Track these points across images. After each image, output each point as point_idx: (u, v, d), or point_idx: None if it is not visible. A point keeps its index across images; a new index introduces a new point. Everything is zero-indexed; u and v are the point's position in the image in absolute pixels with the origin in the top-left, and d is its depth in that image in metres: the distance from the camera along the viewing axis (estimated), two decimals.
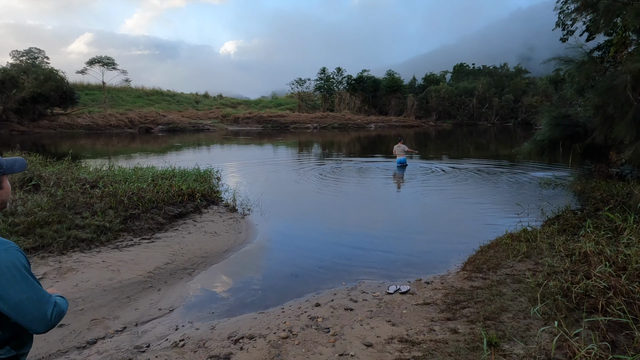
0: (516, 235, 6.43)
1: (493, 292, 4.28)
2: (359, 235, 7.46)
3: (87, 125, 39.89)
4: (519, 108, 67.75)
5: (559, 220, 7.27)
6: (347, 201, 10.73)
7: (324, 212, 9.57)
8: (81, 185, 8.02)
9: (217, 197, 9.49)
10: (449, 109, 68.64)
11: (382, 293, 4.75)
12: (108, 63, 45.10)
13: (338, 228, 7.99)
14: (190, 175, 10.55)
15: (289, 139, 35.36)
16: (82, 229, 5.97)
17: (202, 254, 6.06)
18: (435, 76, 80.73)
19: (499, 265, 5.18)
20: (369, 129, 53.08)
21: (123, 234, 6.29)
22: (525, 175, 14.17)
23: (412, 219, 8.86)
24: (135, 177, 9.43)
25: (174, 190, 8.30)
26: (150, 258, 5.64)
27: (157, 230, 6.75)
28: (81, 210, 6.58)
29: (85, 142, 28.99)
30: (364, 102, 67.58)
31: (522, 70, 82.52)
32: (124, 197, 7.31)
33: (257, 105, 66.91)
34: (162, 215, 7.18)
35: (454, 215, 8.99)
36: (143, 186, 8.20)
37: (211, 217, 7.96)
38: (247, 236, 7.08)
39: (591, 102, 6.59)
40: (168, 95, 60.48)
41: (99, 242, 5.86)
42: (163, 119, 44.29)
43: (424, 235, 7.52)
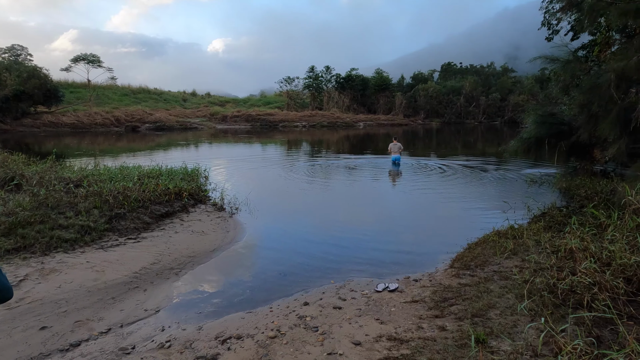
0: (503, 233, 6.49)
1: (481, 289, 4.30)
2: (347, 233, 7.45)
3: (72, 123, 39.22)
4: (505, 107, 68.58)
5: (544, 217, 7.36)
6: (336, 199, 10.72)
7: (313, 210, 9.55)
8: (65, 185, 7.86)
9: (205, 196, 9.40)
10: (436, 108, 69.12)
11: (371, 291, 4.74)
12: (93, 60, 44.38)
13: (327, 226, 7.97)
14: (177, 174, 10.43)
15: (277, 137, 35.23)
16: (65, 229, 5.85)
17: (189, 253, 5.99)
18: (424, 75, 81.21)
19: (486, 263, 5.21)
20: (357, 128, 53.20)
21: (108, 234, 6.18)
22: (511, 172, 14.33)
23: (400, 217, 8.88)
24: (121, 176, 9.28)
25: (161, 189, 8.18)
26: (136, 258, 5.55)
27: (143, 229, 6.65)
28: (65, 210, 6.44)
29: (70, 141, 28.49)
30: (352, 100, 67.67)
31: (508, 69, 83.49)
32: (109, 196, 7.18)
33: (245, 103, 66.57)
34: (149, 215, 7.08)
35: (442, 213, 9.05)
36: (129, 185, 8.07)
37: (199, 216, 7.88)
38: (235, 235, 7.02)
39: (576, 100, 6.67)
40: (155, 93, 59.79)
41: (83, 243, 5.74)
42: (150, 117, 43.76)
43: (412, 233, 7.54)
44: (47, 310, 4.22)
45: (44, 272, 4.95)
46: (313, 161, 17.91)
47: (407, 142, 29.81)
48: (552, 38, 15.88)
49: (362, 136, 37.44)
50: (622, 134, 6.40)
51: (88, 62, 44.25)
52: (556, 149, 8.52)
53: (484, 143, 31.22)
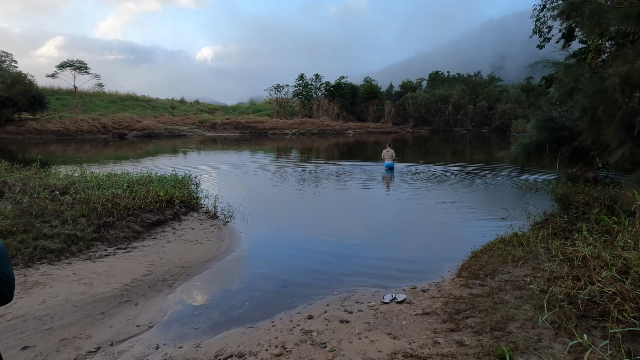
0: (508, 240, 6.30)
1: (495, 300, 4.08)
2: (346, 241, 7.20)
3: (58, 130, 38.42)
4: (493, 115, 69.41)
5: (547, 224, 7.21)
6: (331, 206, 10.48)
7: (309, 217, 9.29)
8: (50, 192, 7.49)
9: (197, 204, 9.08)
10: (425, 116, 69.62)
11: (378, 303, 4.49)
12: (80, 67, 43.71)
13: (324, 234, 7.72)
14: (168, 181, 10.10)
15: (268, 145, 34.94)
16: (50, 238, 5.50)
17: (182, 263, 5.67)
18: (412, 83, 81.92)
19: (495, 271, 5.00)
20: (347, 136, 53.16)
21: (96, 244, 5.83)
22: (504, 179, 14.26)
23: (397, 224, 8.67)
24: (109, 183, 8.93)
25: (152, 196, 7.86)
26: (126, 269, 5.22)
27: (134, 239, 6.31)
28: (50, 218, 6.09)
29: (55, 148, 27.82)
30: (342, 108, 67.80)
31: (495, 78, 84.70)
32: (97, 204, 6.84)
33: (234, 111, 66.21)
34: (139, 223, 6.74)
35: (440, 220, 8.86)
36: (118, 192, 7.74)
37: (191, 225, 7.56)
38: (230, 244, 6.72)
39: (579, 104, 6.57)
40: (143, 100, 59.09)
41: (69, 253, 5.39)
42: (138, 124, 43.15)
43: (412, 241, 7.33)
44: (29, 328, 3.88)
45: (27, 286, 4.60)
46: (305, 168, 17.65)
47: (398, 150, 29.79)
48: (543, 46, 16.00)
49: (352, 144, 37.36)
50: (626, 138, 6.30)
51: (74, 68, 43.57)
52: (557, 154, 8.42)
53: (474, 150, 31.35)
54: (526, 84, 77.66)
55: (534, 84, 78.10)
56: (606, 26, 6.92)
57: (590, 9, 6.63)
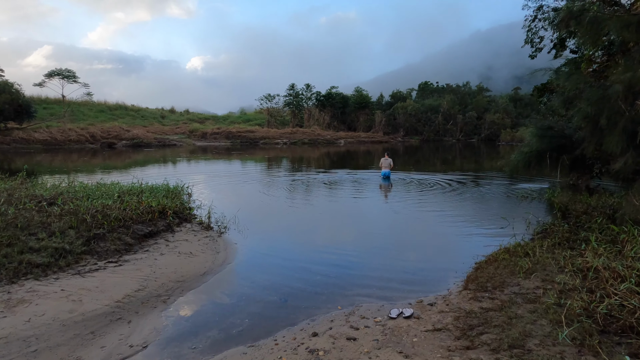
0: (512, 250, 6.16)
1: (509, 315, 3.91)
2: (345, 252, 6.98)
3: (45, 140, 37.78)
4: (482, 125, 70.14)
5: (549, 234, 7.09)
6: (328, 216, 10.28)
7: (305, 228, 9.07)
8: (37, 203, 7.18)
9: (190, 214, 8.82)
10: (415, 125, 70.12)
11: (384, 318, 4.29)
12: (68, 76, 43.11)
13: (323, 245, 7.50)
14: (159, 191, 9.83)
15: (259, 154, 34.69)
16: (37, 252, 5.20)
17: (177, 277, 5.41)
18: (402, 93, 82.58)
19: (504, 283, 4.84)
20: (338, 145, 53.18)
21: (86, 257, 5.54)
22: (499, 188, 14.21)
23: (397, 235, 8.49)
24: (99, 193, 8.64)
25: (143, 207, 7.58)
26: (118, 284, 4.94)
27: (125, 251, 6.02)
28: (36, 230, 5.78)
29: (42, 158, 27.23)
30: (333, 118, 67.95)
31: (483, 88, 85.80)
32: (86, 215, 6.55)
33: (225, 120, 65.92)
34: (131, 235, 6.46)
35: (439, 230, 8.70)
36: (108, 203, 7.46)
37: (185, 236, 7.29)
38: (226, 256, 6.47)
39: (581, 112, 6.51)
40: (132, 110, 58.57)
41: (57, 268, 5.09)
42: (127, 134, 42.65)
43: (413, 252, 7.14)
44: (13, 350, 3.59)
45: (11, 304, 4.30)
46: (298, 177, 17.43)
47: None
48: (535, 56, 16.09)
49: (343, 153, 37.28)
50: (628, 147, 6.24)
51: (63, 77, 42.95)
52: (558, 163, 8.35)
53: (464, 160, 31.46)
54: (514, 94, 78.87)
55: (521, 94, 79.52)
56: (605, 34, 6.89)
57: (590, 17, 6.60)
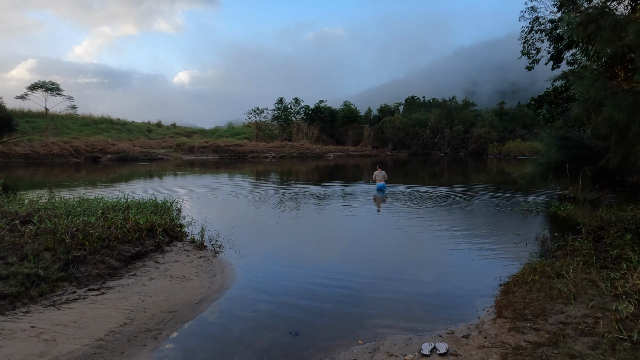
0: (540, 270, 5.63)
1: (568, 353, 3.33)
2: (354, 273, 6.36)
3: (26, 154, 36.46)
4: (469, 138, 70.74)
5: (570, 251, 6.60)
6: (328, 232, 9.67)
7: (307, 246, 8.42)
8: (9, 221, 6.43)
9: (181, 232, 8.12)
10: (404, 139, 70.37)
11: (416, 355, 3.68)
12: (52, 88, 41.94)
13: (328, 265, 6.87)
14: (147, 206, 9.12)
15: (248, 168, 33.98)
16: (4, 280, 4.46)
17: (169, 307, 4.71)
18: (390, 107, 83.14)
19: (545, 311, 4.27)
20: (327, 159, 52.79)
21: (63, 285, 4.81)
22: (500, 200, 13.80)
23: (405, 253, 7.89)
24: (81, 209, 7.90)
25: (130, 224, 6.88)
26: (100, 318, 4.23)
27: (110, 276, 5.31)
28: (6, 253, 5.05)
29: (22, 173, 26.08)
30: (321, 132, 67.74)
31: (469, 103, 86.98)
32: (65, 234, 5.83)
33: (213, 134, 65.15)
34: (116, 257, 5.75)
35: (449, 247, 8.13)
36: (91, 220, 6.73)
37: (176, 257, 6.59)
38: (223, 280, 5.79)
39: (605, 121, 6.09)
40: (118, 123, 57.43)
41: (27, 299, 4.36)
42: (112, 147, 41.57)
43: (427, 273, 6.55)
44: None
45: None
46: (291, 191, 16.78)
47: None
48: (532, 67, 15.97)
49: (333, 167, 36.81)
50: None
51: (46, 89, 41.77)
52: (578, 175, 7.92)
53: (454, 172, 31.25)
54: (499, 109, 79.98)
55: (506, 108, 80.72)
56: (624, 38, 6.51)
57: (611, 21, 6.24)
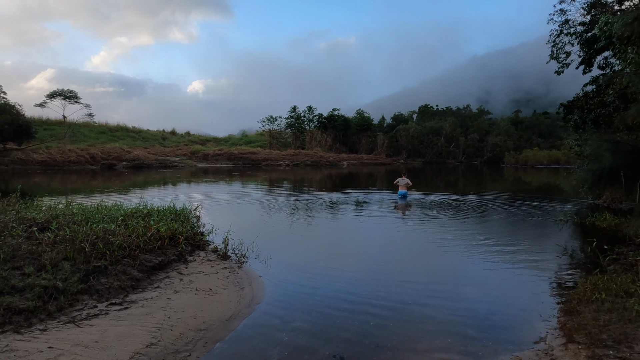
0: (603, 287, 5.07)
1: None
2: (391, 288, 5.86)
3: (44, 161, 36.78)
4: (484, 147, 69.63)
5: (629, 265, 6.03)
6: (356, 243, 9.17)
7: (335, 257, 7.93)
8: (27, 228, 6.10)
9: (203, 241, 7.72)
10: (418, 147, 69.60)
11: None
12: (70, 96, 42.53)
13: (362, 279, 6.37)
14: (166, 213, 8.76)
15: (263, 176, 33.69)
16: (20, 293, 4.08)
17: (198, 324, 4.28)
18: (404, 116, 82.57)
19: (627, 336, 3.73)
20: (341, 167, 52.34)
21: (83, 298, 4.41)
22: (530, 209, 13.15)
23: (443, 266, 7.34)
24: (100, 216, 7.56)
25: (152, 232, 6.50)
26: (123, 337, 3.81)
27: (132, 289, 4.90)
28: (22, 263, 4.69)
29: (40, 179, 26.16)
30: (335, 140, 67.42)
31: (484, 111, 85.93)
32: (85, 242, 5.47)
33: (226, 142, 65.31)
34: (138, 267, 5.35)
35: (489, 260, 7.52)
36: (111, 228, 6.37)
37: (200, 267, 6.18)
38: (253, 294, 5.34)
39: None
40: (133, 131, 57.92)
41: (45, 314, 3.96)
42: (128, 155, 41.77)
43: (470, 288, 6.00)
44: None
45: None
46: (310, 198, 16.30)
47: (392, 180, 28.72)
48: (562, 71, 15.37)
49: (348, 175, 36.31)
50: None
51: (65, 97, 42.35)
52: (635, 181, 7.35)
53: (471, 181, 30.50)
54: (514, 117, 78.81)
55: (521, 117, 79.49)
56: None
57: None
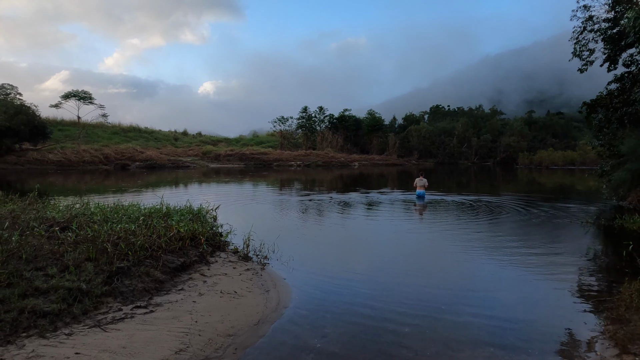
0: None
1: None
2: (420, 292, 5.62)
3: (59, 161, 37.20)
4: (497, 148, 68.66)
5: None
6: (379, 244, 8.92)
7: (358, 259, 7.70)
8: (47, 227, 6.00)
9: (223, 242, 7.56)
10: (429, 148, 68.94)
11: None
12: (84, 97, 42.93)
13: (389, 282, 6.12)
14: (183, 213, 8.62)
15: (274, 176, 33.58)
16: (44, 295, 3.94)
17: (226, 329, 4.09)
18: (415, 116, 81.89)
19: None
20: (352, 167, 52.07)
21: (107, 301, 4.25)
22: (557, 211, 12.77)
23: (472, 270, 7.06)
24: (118, 216, 7.44)
25: (173, 232, 6.35)
26: (151, 342, 3.64)
27: (156, 291, 4.74)
28: (45, 264, 4.56)
29: (55, 179, 26.38)
30: (346, 140, 67.15)
31: (497, 111, 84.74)
32: (107, 242, 5.33)
33: (237, 143, 65.46)
34: (161, 269, 5.20)
35: (519, 263, 7.23)
36: (131, 228, 6.24)
37: (223, 269, 6.01)
38: (279, 297, 5.15)
39: None
40: (146, 132, 58.38)
41: (70, 317, 3.81)
42: (141, 155, 42.04)
43: (505, 293, 5.72)
44: None
45: None
46: (323, 198, 16.03)
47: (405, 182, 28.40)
48: (585, 69, 14.96)
49: (361, 176, 36.02)
50: None
51: (79, 98, 42.77)
52: None
53: (493, 182, 30.02)
54: (528, 117, 77.66)
55: (535, 117, 78.26)
56: None
57: None
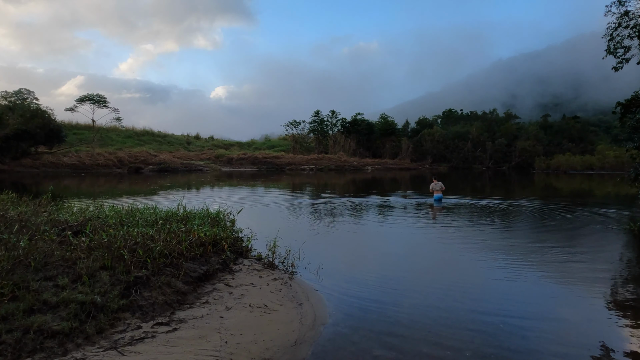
0: None
1: None
2: (468, 305, 5.01)
3: (73, 164, 37.31)
4: (512, 152, 67.36)
5: None
6: (408, 250, 8.30)
7: (392, 265, 7.05)
8: (59, 232, 5.53)
9: (245, 247, 7.02)
10: (443, 152, 67.94)
11: None
12: (99, 101, 43.14)
13: (429, 293, 5.51)
14: (203, 218, 8.13)
15: (287, 180, 33.08)
16: (53, 310, 3.43)
17: (260, 352, 3.53)
18: (428, 120, 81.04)
19: None
20: (365, 171, 51.37)
21: (125, 316, 3.72)
22: (597, 217, 12.01)
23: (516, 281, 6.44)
24: (134, 219, 6.97)
25: (195, 238, 5.84)
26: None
27: (178, 304, 4.21)
28: (56, 272, 4.07)
29: (69, 182, 26.23)
30: (358, 144, 66.55)
31: (512, 115, 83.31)
32: (123, 249, 4.84)
33: (250, 147, 65.33)
34: (182, 278, 4.67)
35: (562, 270, 6.60)
36: (149, 232, 5.74)
37: (248, 278, 5.46)
38: (313, 312, 4.58)
39: None
40: (159, 136, 58.54)
41: (82, 338, 3.27)
42: (154, 159, 41.99)
43: (551, 305, 5.12)
44: None
45: None
46: (340, 202, 15.38)
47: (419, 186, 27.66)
48: (620, 67, 14.19)
49: (375, 180, 35.31)
50: None
51: (94, 102, 43.00)
52: None
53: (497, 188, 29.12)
54: (543, 122, 76.17)
55: (550, 121, 76.64)
56: None
57: None
